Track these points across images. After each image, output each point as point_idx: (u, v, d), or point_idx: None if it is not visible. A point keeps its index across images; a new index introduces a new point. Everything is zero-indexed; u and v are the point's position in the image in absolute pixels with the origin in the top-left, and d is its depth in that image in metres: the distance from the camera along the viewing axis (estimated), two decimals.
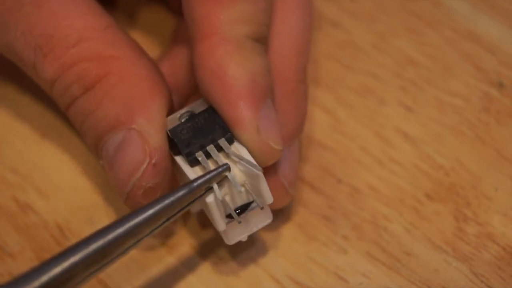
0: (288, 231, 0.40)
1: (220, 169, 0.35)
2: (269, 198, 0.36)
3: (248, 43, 0.36)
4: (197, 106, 0.37)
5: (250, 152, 0.36)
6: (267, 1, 0.37)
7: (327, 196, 0.41)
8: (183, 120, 0.37)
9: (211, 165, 0.36)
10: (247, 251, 0.40)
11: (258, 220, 0.37)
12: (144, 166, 0.36)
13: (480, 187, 0.41)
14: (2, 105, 0.43)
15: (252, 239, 0.40)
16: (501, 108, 0.43)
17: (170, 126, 0.36)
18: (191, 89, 0.40)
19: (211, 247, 0.39)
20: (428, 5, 0.46)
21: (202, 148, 0.36)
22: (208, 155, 0.36)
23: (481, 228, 0.40)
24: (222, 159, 0.36)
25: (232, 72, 0.35)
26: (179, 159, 0.36)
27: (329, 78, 0.44)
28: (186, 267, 0.39)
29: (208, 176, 0.35)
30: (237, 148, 0.36)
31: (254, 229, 0.37)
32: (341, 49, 0.45)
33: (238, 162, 0.35)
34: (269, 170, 0.37)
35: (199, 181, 0.35)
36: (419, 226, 0.40)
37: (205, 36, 0.36)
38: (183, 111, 0.37)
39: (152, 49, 0.44)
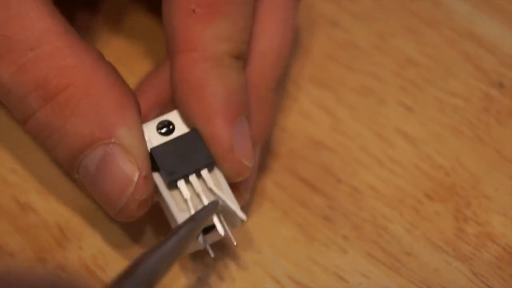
0: (288, 231, 0.40)
1: (211, 208, 0.35)
2: (239, 226, 0.37)
3: (226, 60, 0.36)
4: (175, 118, 0.37)
5: (221, 168, 0.36)
6: (246, 20, 0.37)
7: (327, 196, 0.41)
8: (161, 131, 0.36)
9: (189, 194, 0.35)
10: (247, 251, 0.40)
11: (214, 237, 0.37)
12: (135, 179, 0.35)
13: (480, 187, 0.41)
14: (2, 105, 0.43)
15: (252, 239, 0.40)
16: (501, 108, 0.43)
17: (151, 139, 0.36)
18: None
19: (211, 247, 0.39)
20: (428, 5, 0.46)
21: (185, 176, 0.36)
22: (187, 181, 0.36)
23: (481, 228, 0.40)
24: (205, 193, 0.36)
25: (209, 88, 0.36)
26: (156, 177, 0.36)
27: (329, 78, 0.44)
28: (185, 266, 0.39)
29: (200, 219, 0.35)
30: (216, 177, 0.36)
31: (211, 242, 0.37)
32: (341, 49, 0.45)
33: (218, 196, 0.36)
34: None
35: (193, 225, 0.34)
36: (419, 226, 0.40)
37: (184, 51, 0.36)
38: (160, 119, 0.36)
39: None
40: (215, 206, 0.35)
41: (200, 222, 0.35)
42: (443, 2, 0.46)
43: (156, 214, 0.40)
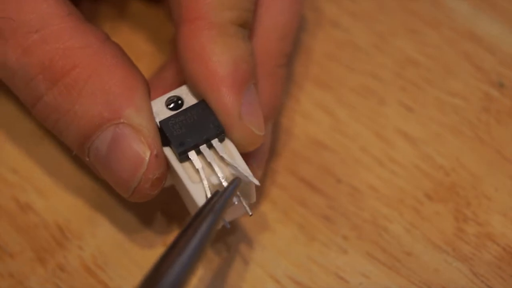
0: (288, 231, 0.40)
1: (234, 186, 0.35)
2: (253, 199, 0.37)
3: (232, 28, 0.36)
4: (183, 93, 0.37)
5: (231, 137, 0.36)
6: None
7: (327, 196, 0.41)
8: (170, 107, 0.36)
9: (201, 164, 0.35)
10: (247, 251, 0.40)
11: (235, 213, 0.37)
12: (147, 158, 0.35)
13: (480, 187, 0.41)
14: (2, 105, 0.43)
15: (253, 239, 0.40)
16: (501, 108, 0.43)
17: (159, 115, 0.36)
18: None
19: (211, 247, 0.39)
20: (428, 5, 0.46)
21: (196, 147, 0.36)
22: (198, 152, 0.36)
23: (481, 228, 0.40)
24: (217, 162, 0.35)
25: (215, 56, 0.36)
26: (167, 151, 0.36)
27: (329, 78, 0.44)
28: None
29: (225, 198, 0.34)
30: (227, 146, 0.36)
31: (230, 219, 0.37)
32: (341, 49, 0.45)
33: (231, 165, 0.35)
34: None
35: (219, 205, 0.34)
36: (419, 226, 0.40)
37: (190, 19, 0.36)
38: (168, 95, 0.36)
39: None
40: (238, 184, 0.35)
41: (225, 204, 0.34)
42: (443, 2, 0.46)
43: (156, 214, 0.40)
